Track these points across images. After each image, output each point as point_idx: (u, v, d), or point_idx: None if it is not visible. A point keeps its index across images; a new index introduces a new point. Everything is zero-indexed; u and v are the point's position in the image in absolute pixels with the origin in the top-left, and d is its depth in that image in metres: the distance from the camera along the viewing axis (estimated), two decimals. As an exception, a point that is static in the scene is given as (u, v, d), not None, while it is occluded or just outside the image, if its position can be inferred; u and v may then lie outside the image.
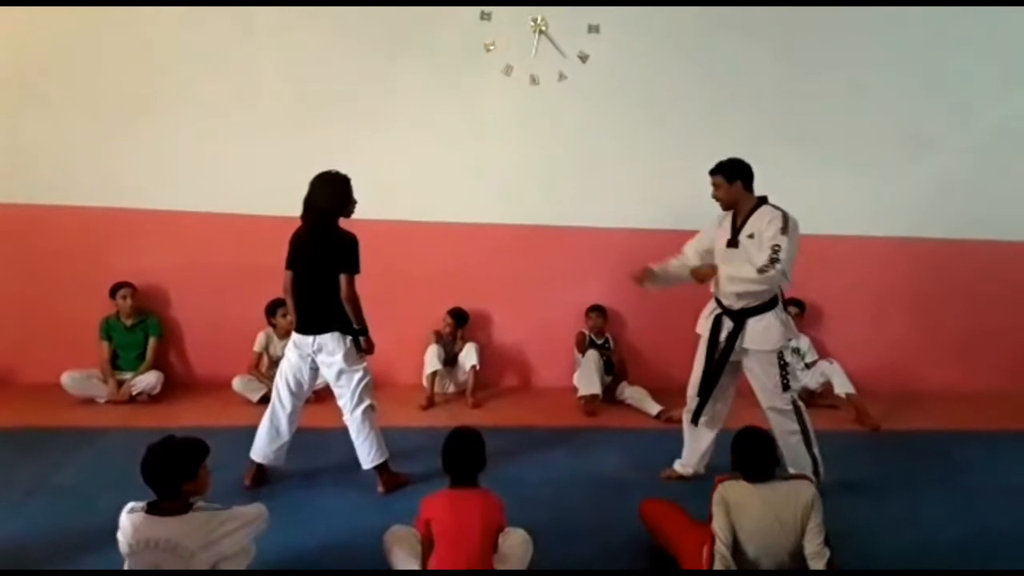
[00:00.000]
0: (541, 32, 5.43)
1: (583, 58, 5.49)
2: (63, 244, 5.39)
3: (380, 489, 3.86)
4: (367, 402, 3.85)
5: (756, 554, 2.82)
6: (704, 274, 3.89)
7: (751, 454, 2.92)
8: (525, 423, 5.00)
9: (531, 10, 5.40)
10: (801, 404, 3.91)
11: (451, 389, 5.60)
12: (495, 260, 5.71)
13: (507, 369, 5.92)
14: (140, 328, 5.35)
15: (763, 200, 3.84)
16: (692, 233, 4.11)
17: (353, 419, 3.85)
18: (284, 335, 5.36)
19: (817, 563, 2.78)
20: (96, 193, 5.36)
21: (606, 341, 5.63)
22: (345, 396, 3.84)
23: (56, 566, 3.06)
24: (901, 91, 5.74)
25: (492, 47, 5.42)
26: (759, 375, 3.85)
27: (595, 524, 3.59)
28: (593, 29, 5.45)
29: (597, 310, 5.63)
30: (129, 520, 2.58)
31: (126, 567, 2.61)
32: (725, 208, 3.91)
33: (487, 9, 5.36)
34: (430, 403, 5.31)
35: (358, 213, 5.43)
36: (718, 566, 2.79)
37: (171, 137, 5.36)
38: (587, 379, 5.27)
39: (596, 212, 5.63)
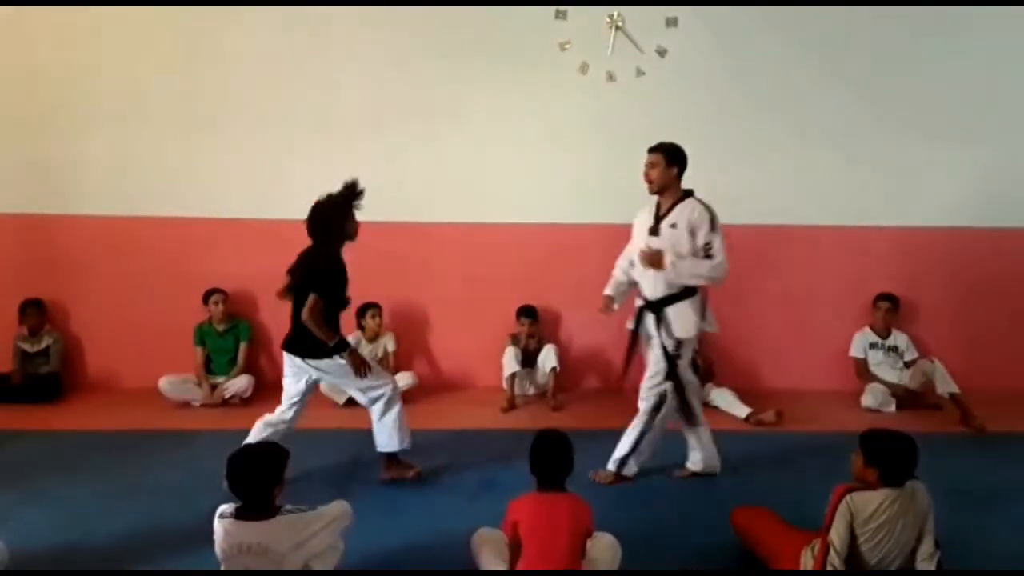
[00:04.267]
0: (617, 28, 5.36)
1: (661, 53, 5.39)
2: (158, 253, 5.62)
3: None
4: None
5: (875, 560, 2.70)
6: (652, 257, 3.80)
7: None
8: (608, 426, 4.90)
9: (607, 7, 5.33)
10: (662, 404, 3.92)
11: (531, 391, 5.57)
12: (572, 261, 5.64)
13: (588, 371, 5.85)
14: (231, 333, 5.52)
15: (689, 193, 3.81)
16: (767, 228, 3.99)
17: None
18: (373, 337, 5.45)
19: (929, 564, 2.69)
20: (187, 203, 5.57)
21: (689, 341, 5.50)
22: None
23: (153, 565, 3.16)
24: (983, 77, 5.46)
25: (568, 45, 5.37)
26: (650, 361, 3.91)
27: (684, 529, 3.50)
28: (671, 23, 5.34)
29: (680, 309, 5.50)
30: (221, 526, 2.64)
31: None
32: (653, 192, 3.86)
33: (562, 8, 5.32)
34: (511, 405, 5.29)
35: (436, 216, 5.55)
36: (828, 575, 2.67)
37: (256, 146, 5.52)
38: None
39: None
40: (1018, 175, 5.55)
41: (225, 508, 2.68)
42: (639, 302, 4.02)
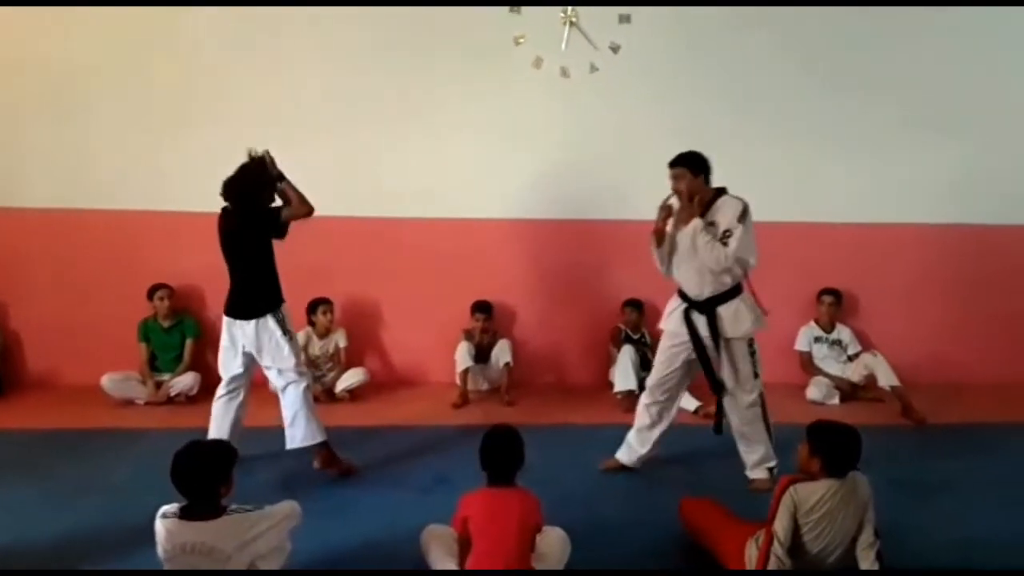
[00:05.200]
0: (571, 24, 5.37)
1: (615, 49, 5.42)
2: (101, 247, 5.48)
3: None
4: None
5: (817, 550, 2.76)
6: (686, 213, 3.78)
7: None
8: (560, 420, 4.96)
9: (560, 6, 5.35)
10: (765, 396, 3.90)
11: (484, 387, 5.57)
12: (528, 256, 5.67)
13: (541, 366, 5.87)
14: (177, 330, 5.40)
15: (722, 191, 3.83)
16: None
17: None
18: (324, 333, 5.40)
19: (868, 553, 2.75)
20: (132, 197, 5.43)
21: (642, 336, 5.56)
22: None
23: (98, 565, 3.09)
24: (928, 75, 5.59)
25: (522, 40, 5.37)
26: (732, 363, 3.82)
27: (633, 522, 3.54)
28: (624, 19, 5.38)
29: (633, 305, 5.56)
30: (163, 526, 2.59)
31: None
32: (687, 200, 3.84)
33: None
34: (464, 401, 5.29)
35: (389, 211, 5.51)
36: (772, 567, 2.72)
37: (206, 139, 5.38)
38: (623, 375, 5.20)
39: (630, 205, 5.51)
40: (976, 172, 5.69)
41: (167, 508, 2.63)
42: (680, 304, 3.92)
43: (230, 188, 3.79)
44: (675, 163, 3.81)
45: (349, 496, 3.77)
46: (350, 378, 5.36)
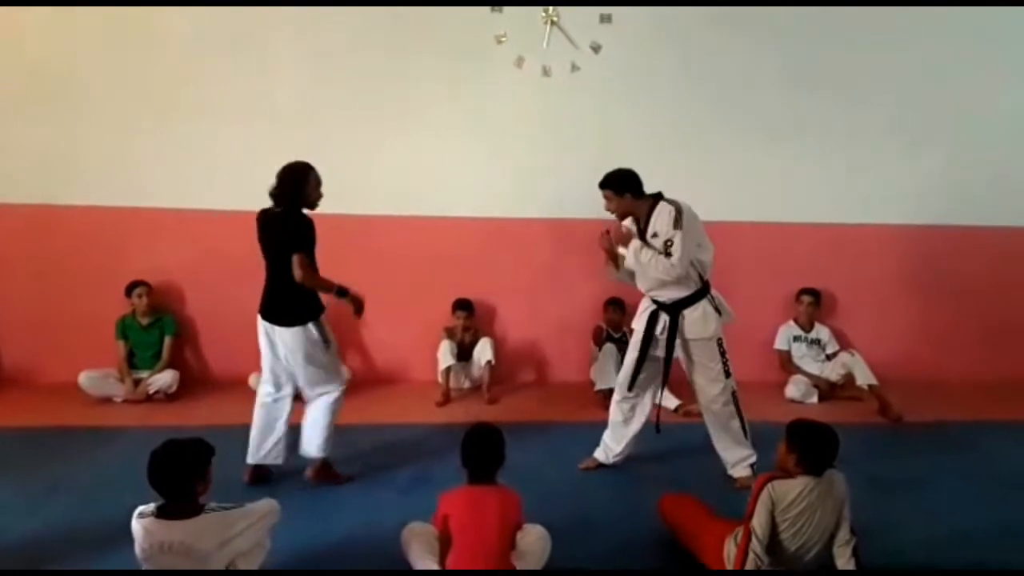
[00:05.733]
0: (553, 23, 5.38)
1: (595, 49, 5.43)
2: (78, 244, 5.41)
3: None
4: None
5: (795, 547, 2.79)
6: (620, 235, 3.87)
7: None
8: (542, 418, 4.97)
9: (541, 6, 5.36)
10: (738, 393, 3.94)
11: (467, 385, 5.57)
12: (509, 254, 5.67)
13: (523, 364, 5.88)
14: (156, 327, 5.35)
15: (658, 197, 3.85)
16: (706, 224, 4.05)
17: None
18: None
19: (845, 551, 2.78)
20: (110, 192, 5.36)
21: (623, 335, 5.57)
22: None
23: (75, 564, 3.06)
24: (906, 78, 5.65)
25: (503, 39, 5.37)
26: (702, 364, 3.88)
27: (613, 519, 3.56)
28: (605, 19, 5.39)
29: (614, 304, 5.58)
30: (140, 525, 2.57)
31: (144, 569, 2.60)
32: (620, 218, 3.93)
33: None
34: (446, 399, 5.28)
35: (370, 208, 5.49)
36: (750, 565, 2.74)
37: (184, 136, 5.35)
38: (604, 373, 5.22)
39: (611, 204, 5.57)
40: (953, 174, 5.76)
41: (144, 508, 2.61)
42: (650, 305, 3.96)
43: (281, 191, 3.67)
44: (602, 185, 3.89)
45: (330, 494, 3.76)
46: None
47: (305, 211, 3.72)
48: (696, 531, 3.09)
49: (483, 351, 5.42)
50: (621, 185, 3.84)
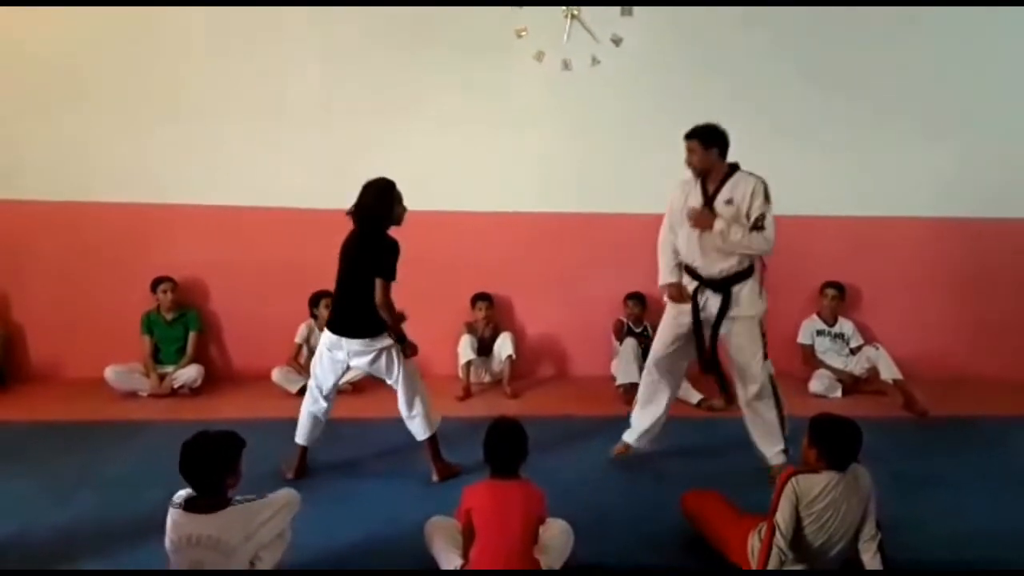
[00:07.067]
0: (573, 17, 5.34)
1: (616, 42, 5.39)
2: (105, 240, 5.47)
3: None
4: None
5: (820, 542, 2.77)
6: (702, 218, 3.76)
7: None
8: (563, 413, 4.97)
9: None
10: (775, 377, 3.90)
11: (487, 379, 5.58)
12: (531, 249, 5.67)
13: (544, 358, 5.88)
14: (180, 322, 5.41)
15: (735, 167, 3.79)
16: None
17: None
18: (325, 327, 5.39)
19: (870, 546, 2.77)
20: (136, 189, 5.42)
21: (644, 329, 5.55)
22: None
23: (102, 556, 3.09)
24: (928, 71, 5.58)
25: (524, 33, 5.35)
26: (743, 343, 3.82)
27: (636, 514, 3.55)
28: (626, 12, 5.35)
29: (635, 298, 5.56)
30: (171, 515, 2.60)
31: (170, 562, 2.63)
32: (697, 175, 3.83)
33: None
34: (467, 394, 5.30)
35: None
36: (774, 559, 2.73)
37: (208, 134, 5.40)
38: (625, 368, 5.21)
39: (633, 198, 5.52)
40: (977, 167, 5.66)
41: (177, 496, 2.64)
42: (690, 282, 3.90)
43: (366, 210, 3.71)
44: (689, 136, 3.78)
45: (352, 488, 3.79)
46: (353, 371, 5.36)
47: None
48: (719, 527, 3.07)
49: (503, 346, 5.43)
50: (711, 138, 3.75)
